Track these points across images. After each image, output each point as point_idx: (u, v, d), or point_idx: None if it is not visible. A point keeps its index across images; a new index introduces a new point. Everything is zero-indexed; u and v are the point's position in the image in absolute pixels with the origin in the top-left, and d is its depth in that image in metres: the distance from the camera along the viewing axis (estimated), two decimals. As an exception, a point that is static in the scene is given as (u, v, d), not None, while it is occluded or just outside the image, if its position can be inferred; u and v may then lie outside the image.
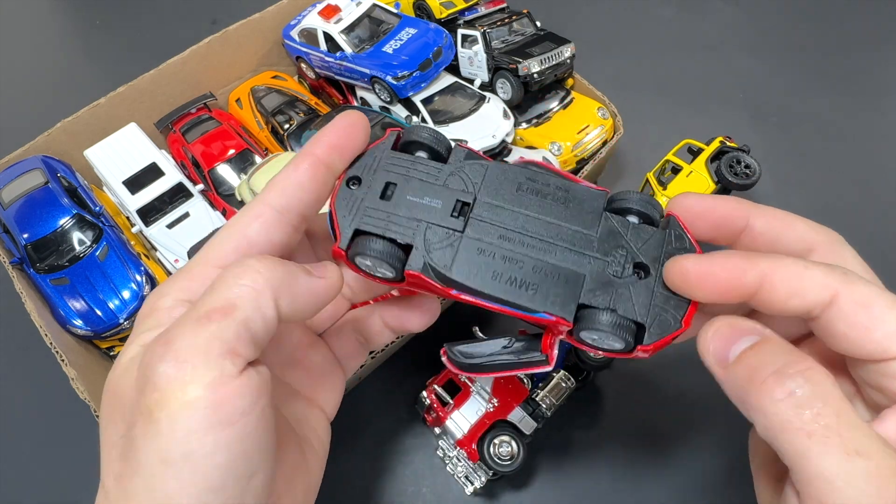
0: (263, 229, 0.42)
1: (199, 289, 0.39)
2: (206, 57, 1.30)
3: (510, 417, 0.91)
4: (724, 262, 0.39)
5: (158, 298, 0.40)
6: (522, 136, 1.27)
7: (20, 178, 1.12)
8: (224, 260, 0.41)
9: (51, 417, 1.07)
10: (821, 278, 0.37)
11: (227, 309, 0.34)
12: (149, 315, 0.40)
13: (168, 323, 0.37)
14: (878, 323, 0.36)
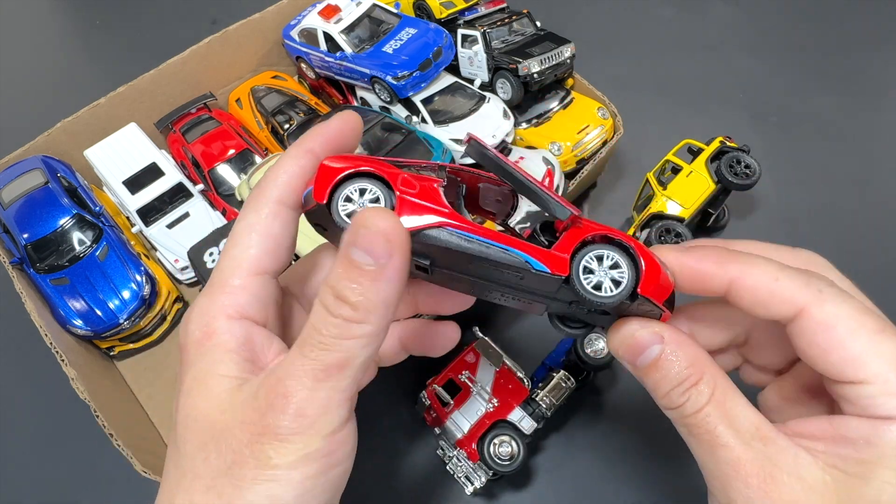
0: (282, 224, 0.43)
1: (247, 304, 0.41)
2: (206, 57, 1.30)
3: (510, 417, 0.91)
4: (697, 262, 0.41)
5: (211, 320, 0.40)
6: (522, 136, 1.27)
7: (20, 178, 1.12)
8: (256, 264, 0.42)
9: (51, 417, 1.07)
10: (789, 293, 0.38)
11: (344, 363, 0.36)
12: (208, 337, 0.40)
13: (236, 347, 0.40)
14: (835, 347, 0.36)
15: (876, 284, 1.23)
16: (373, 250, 0.37)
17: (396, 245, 0.37)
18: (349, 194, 0.42)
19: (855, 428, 0.36)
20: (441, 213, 0.41)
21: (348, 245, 0.38)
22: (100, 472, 1.01)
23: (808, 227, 1.26)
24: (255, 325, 0.42)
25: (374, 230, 0.37)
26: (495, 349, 0.98)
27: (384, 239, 0.37)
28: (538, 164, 1.18)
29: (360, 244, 0.37)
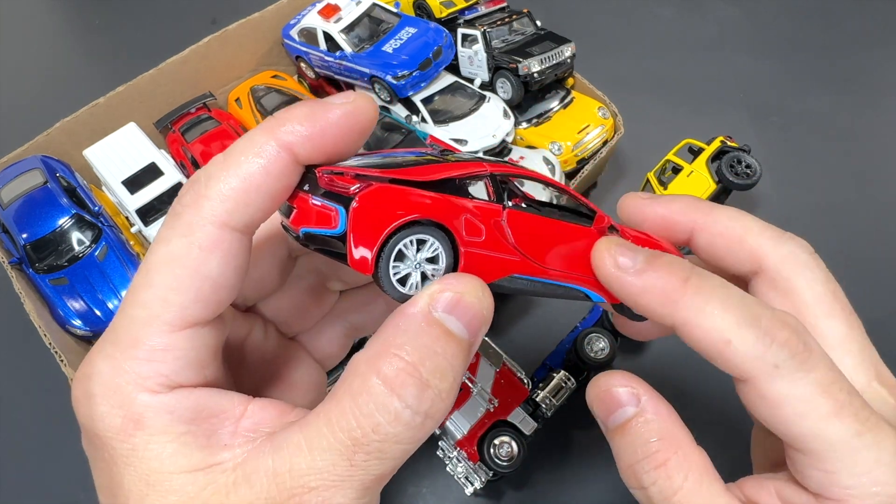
0: (225, 260, 0.32)
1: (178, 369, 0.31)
2: (205, 57, 1.30)
3: (510, 418, 0.91)
4: (648, 297, 0.35)
5: (127, 400, 0.30)
6: (522, 135, 1.26)
7: (19, 178, 1.12)
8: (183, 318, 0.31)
9: (51, 417, 1.07)
10: (740, 360, 0.32)
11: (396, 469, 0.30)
12: (137, 426, 0.30)
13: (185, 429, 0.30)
14: (779, 423, 0.33)
15: (875, 283, 1.23)
16: (468, 319, 0.31)
17: (487, 321, 0.32)
18: (403, 249, 0.32)
19: (796, 501, 0.34)
20: (512, 263, 0.35)
21: (437, 308, 0.31)
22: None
23: (808, 226, 1.25)
24: (195, 389, 0.31)
25: (474, 301, 0.31)
26: (495, 349, 0.98)
27: (480, 310, 0.32)
28: (538, 164, 1.18)
29: (458, 313, 0.31)
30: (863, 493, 0.31)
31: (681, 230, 0.41)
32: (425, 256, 0.33)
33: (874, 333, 0.39)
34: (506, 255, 0.35)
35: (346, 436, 0.28)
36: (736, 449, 0.97)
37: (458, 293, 0.31)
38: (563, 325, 1.10)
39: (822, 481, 0.32)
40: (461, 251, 0.33)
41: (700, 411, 1.03)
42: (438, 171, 0.34)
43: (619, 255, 0.36)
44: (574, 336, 1.02)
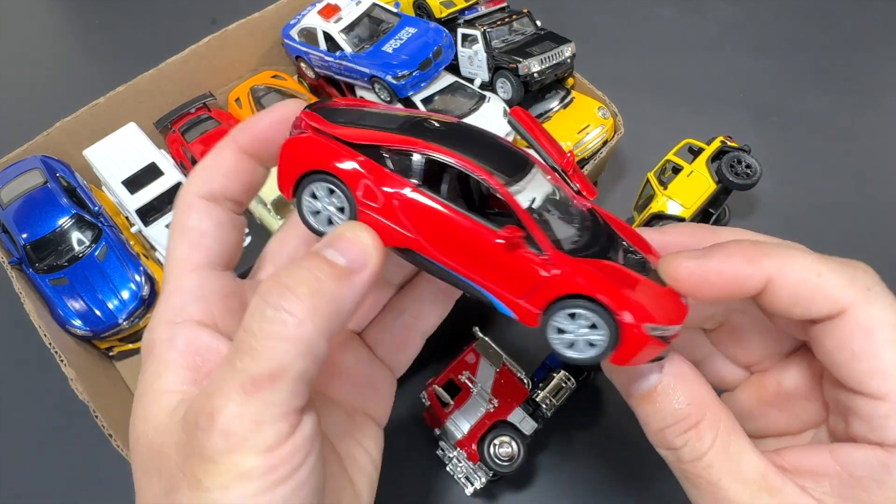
0: (200, 217, 0.41)
1: (183, 305, 0.38)
2: (205, 57, 1.30)
3: (510, 418, 0.91)
4: (724, 264, 0.35)
5: (151, 332, 0.38)
6: (522, 135, 1.26)
7: (19, 178, 1.12)
8: (186, 263, 0.40)
9: (50, 417, 1.07)
10: (834, 290, 0.33)
11: (277, 373, 0.31)
12: (150, 352, 0.38)
13: (176, 356, 0.36)
14: (869, 355, 0.33)
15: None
16: (349, 254, 0.35)
17: (373, 260, 0.36)
18: (315, 191, 0.41)
19: (862, 463, 0.33)
20: (406, 237, 0.38)
21: (321, 246, 0.36)
22: (100, 472, 1.01)
23: (809, 226, 1.26)
24: (197, 326, 0.38)
25: (354, 239, 0.36)
26: (495, 349, 0.97)
27: (363, 249, 0.36)
28: (538, 164, 1.18)
29: (336, 246, 0.36)
30: None
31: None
32: (336, 205, 0.40)
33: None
34: (399, 227, 0.38)
35: (234, 344, 0.33)
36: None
37: (338, 232, 0.37)
38: (563, 325, 1.10)
39: (890, 423, 0.31)
40: (357, 208, 0.38)
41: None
42: (377, 139, 0.38)
43: (685, 254, 0.37)
44: (574, 336, 1.02)
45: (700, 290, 0.36)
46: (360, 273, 0.35)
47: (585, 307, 0.34)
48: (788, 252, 0.35)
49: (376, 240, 0.37)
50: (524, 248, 0.36)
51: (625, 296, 0.34)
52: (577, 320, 0.35)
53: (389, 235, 0.38)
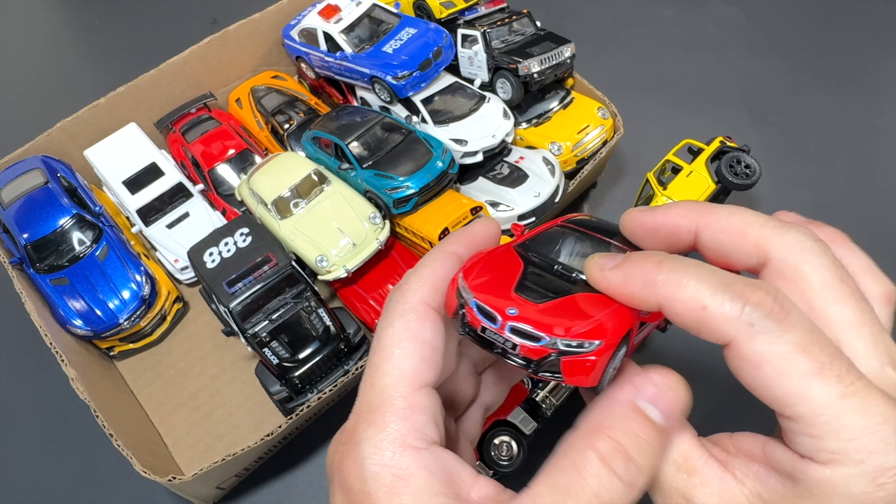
0: (435, 331, 0.39)
1: (424, 428, 0.36)
2: (206, 57, 1.30)
3: (510, 417, 0.91)
4: (624, 285, 0.37)
5: (396, 457, 0.35)
6: (522, 135, 1.27)
7: (20, 178, 1.12)
8: (417, 379, 0.38)
9: (51, 417, 1.07)
10: (717, 324, 0.34)
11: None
12: (404, 482, 0.34)
13: (440, 487, 0.35)
14: (762, 385, 0.33)
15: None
16: (671, 415, 0.36)
17: (687, 412, 0.37)
18: None
19: (781, 460, 0.35)
20: None
21: (643, 398, 0.36)
22: (100, 472, 1.01)
23: (808, 227, 1.26)
24: (442, 451, 0.37)
25: (673, 393, 0.36)
26: (495, 349, 0.98)
27: (682, 404, 0.36)
28: (538, 164, 1.18)
29: (658, 404, 0.36)
30: (849, 459, 0.31)
31: (684, 234, 0.41)
32: None
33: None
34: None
35: (574, 501, 0.33)
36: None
37: (659, 387, 0.36)
38: (562, 325, 1.10)
39: (810, 446, 0.32)
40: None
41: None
42: None
43: (601, 259, 0.39)
44: (574, 336, 1.02)
45: (608, 294, 0.39)
46: (672, 430, 0.36)
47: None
48: (683, 281, 0.35)
49: (688, 388, 0.37)
50: None
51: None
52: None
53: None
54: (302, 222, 1.11)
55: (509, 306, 0.38)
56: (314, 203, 1.13)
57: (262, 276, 1.01)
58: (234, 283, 1.01)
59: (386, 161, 1.13)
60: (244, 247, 1.04)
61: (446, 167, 1.12)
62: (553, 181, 1.15)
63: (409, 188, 1.08)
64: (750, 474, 0.36)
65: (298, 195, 1.12)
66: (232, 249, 1.04)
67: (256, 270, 1.01)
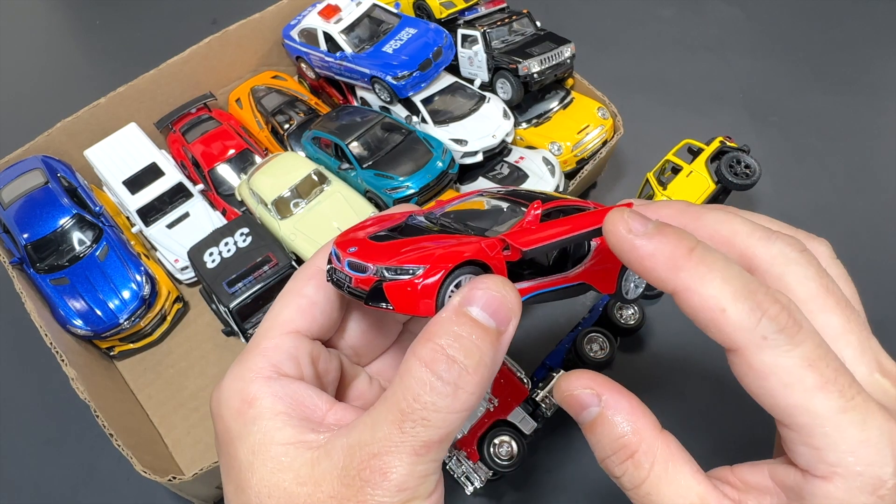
0: (317, 289, 0.43)
1: (279, 363, 0.41)
2: (206, 57, 1.30)
3: (510, 417, 0.91)
4: (649, 259, 0.37)
5: (246, 385, 0.40)
6: (522, 135, 1.27)
7: (20, 178, 1.12)
8: (288, 325, 0.43)
9: (51, 417, 1.07)
10: (731, 330, 0.34)
11: (445, 438, 0.35)
12: (251, 405, 0.39)
13: (285, 408, 0.38)
14: (766, 395, 0.34)
15: (875, 284, 1.23)
16: (496, 313, 0.36)
17: (516, 312, 0.37)
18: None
19: (785, 478, 0.35)
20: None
21: (463, 303, 0.36)
22: (100, 472, 1.01)
23: (807, 226, 1.24)
24: (293, 380, 0.40)
25: (497, 294, 0.36)
26: (495, 349, 0.98)
27: (507, 304, 0.36)
28: (538, 164, 1.18)
29: (484, 305, 0.36)
30: (847, 472, 0.31)
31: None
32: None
33: (874, 333, 0.39)
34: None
35: (396, 408, 0.35)
36: (734, 450, 0.97)
37: (483, 289, 0.37)
38: (563, 325, 1.10)
39: (810, 458, 0.33)
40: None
41: (699, 413, 1.03)
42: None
43: (631, 220, 0.38)
44: (574, 336, 1.02)
45: (625, 259, 0.39)
46: (507, 332, 0.37)
47: None
48: (711, 273, 0.34)
49: (513, 291, 0.38)
50: None
51: None
52: None
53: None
54: (302, 222, 1.11)
55: (353, 247, 0.42)
56: (314, 203, 1.13)
57: (262, 275, 1.01)
58: (235, 282, 1.01)
59: (386, 161, 1.13)
60: (244, 247, 1.04)
61: (446, 167, 1.12)
62: (553, 181, 1.15)
63: (409, 188, 1.08)
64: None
65: (298, 195, 1.12)
66: (232, 249, 1.04)
67: (257, 270, 1.01)
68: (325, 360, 0.45)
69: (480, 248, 0.40)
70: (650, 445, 0.37)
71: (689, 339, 1.13)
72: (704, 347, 1.13)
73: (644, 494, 0.37)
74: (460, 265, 0.39)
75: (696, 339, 0.42)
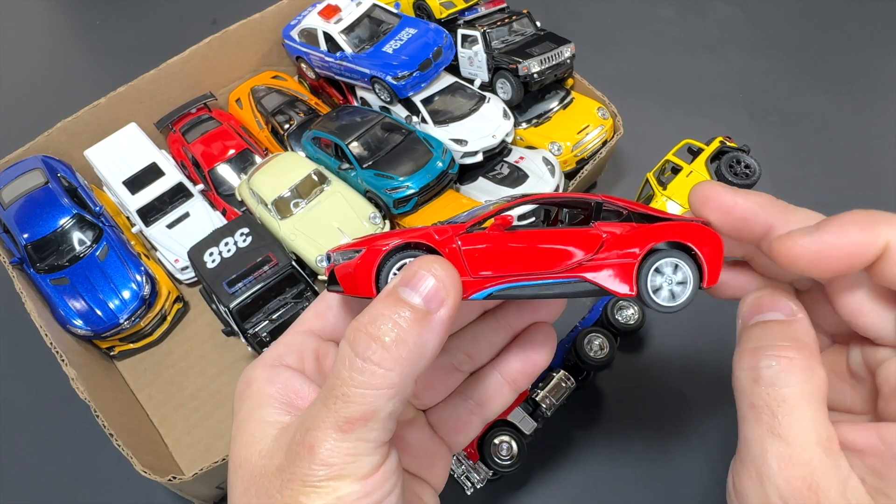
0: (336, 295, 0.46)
1: (283, 354, 0.44)
2: (206, 57, 1.30)
3: (510, 417, 0.91)
4: (839, 237, 0.35)
5: (252, 370, 0.44)
6: (522, 136, 1.27)
7: (20, 178, 1.12)
8: (303, 323, 0.46)
9: (51, 417, 1.07)
10: None
11: (368, 416, 0.35)
12: (248, 385, 0.43)
13: (273, 391, 0.41)
14: None
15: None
16: (425, 293, 0.36)
17: (451, 294, 0.37)
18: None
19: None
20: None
21: (397, 285, 0.36)
22: (100, 472, 1.01)
23: (808, 227, 1.26)
24: (290, 370, 0.44)
25: (430, 274, 0.36)
26: (495, 349, 0.98)
27: (440, 285, 0.36)
28: (538, 164, 1.18)
29: (412, 285, 0.36)
30: None
31: (758, 226, 0.41)
32: None
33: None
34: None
35: (326, 387, 0.36)
36: (731, 446, 0.97)
37: (415, 270, 0.37)
38: (563, 325, 1.10)
39: None
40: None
41: (698, 414, 1.03)
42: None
43: (798, 234, 0.37)
44: (574, 336, 1.02)
45: (817, 266, 0.37)
46: (438, 313, 0.36)
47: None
48: None
49: (451, 272, 0.37)
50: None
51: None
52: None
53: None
54: (302, 222, 1.11)
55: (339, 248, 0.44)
56: (314, 203, 1.13)
57: (262, 275, 1.01)
58: (235, 282, 1.01)
59: (386, 161, 1.13)
60: (244, 247, 1.04)
61: (446, 167, 1.12)
62: (553, 181, 1.15)
63: (409, 188, 1.08)
64: (866, 470, 0.35)
65: (298, 195, 1.12)
66: (232, 249, 1.04)
67: (257, 270, 1.01)
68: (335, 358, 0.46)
69: (427, 232, 0.40)
70: (811, 365, 0.36)
71: (689, 339, 1.13)
72: (704, 347, 1.13)
73: (778, 398, 0.36)
74: (401, 248, 0.39)
75: (697, 339, 0.42)
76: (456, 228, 0.41)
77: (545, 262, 0.41)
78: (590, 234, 0.42)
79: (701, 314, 1.17)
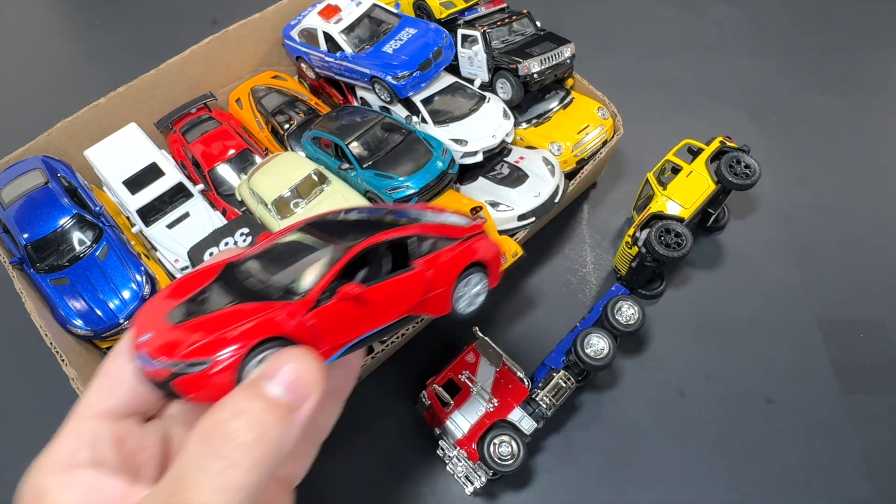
0: (123, 364, 0.41)
1: (75, 451, 0.38)
2: (206, 57, 1.30)
3: (510, 417, 0.91)
4: None
5: (40, 478, 0.38)
6: (522, 136, 1.27)
7: (20, 178, 1.12)
8: (89, 409, 0.40)
9: (51, 417, 1.07)
10: None
11: None
12: (40, 498, 0.37)
13: (70, 502, 0.36)
14: None
15: (874, 283, 1.23)
16: (292, 388, 0.34)
17: (316, 389, 0.35)
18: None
19: None
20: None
21: (261, 378, 0.35)
22: None
23: (807, 226, 1.26)
24: (87, 469, 0.38)
25: (298, 370, 0.35)
26: (495, 349, 0.98)
27: (307, 381, 0.35)
28: (538, 164, 1.18)
29: (279, 378, 0.34)
30: None
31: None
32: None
33: (873, 333, 0.39)
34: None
35: (169, 486, 0.32)
36: (733, 449, 0.97)
37: (282, 361, 0.35)
38: (563, 325, 1.11)
39: None
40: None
41: (698, 414, 1.03)
42: None
43: None
44: (574, 336, 1.02)
45: None
46: (303, 408, 0.35)
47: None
48: None
49: (318, 364, 0.36)
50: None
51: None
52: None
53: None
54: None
55: (148, 333, 0.40)
56: (314, 203, 1.13)
57: (262, 276, 1.01)
58: (235, 283, 1.00)
59: (386, 161, 1.13)
60: (244, 247, 1.04)
61: (446, 167, 1.12)
62: (553, 181, 1.15)
63: (410, 188, 1.08)
64: None
65: (298, 195, 1.12)
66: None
67: (256, 270, 1.01)
68: (138, 437, 0.41)
69: (275, 322, 0.39)
70: None
71: (689, 339, 1.13)
72: (704, 347, 1.13)
73: None
74: (257, 345, 0.38)
75: (696, 339, 0.41)
76: (302, 305, 0.41)
77: (387, 316, 0.47)
78: (417, 278, 0.49)
79: (701, 314, 1.17)
